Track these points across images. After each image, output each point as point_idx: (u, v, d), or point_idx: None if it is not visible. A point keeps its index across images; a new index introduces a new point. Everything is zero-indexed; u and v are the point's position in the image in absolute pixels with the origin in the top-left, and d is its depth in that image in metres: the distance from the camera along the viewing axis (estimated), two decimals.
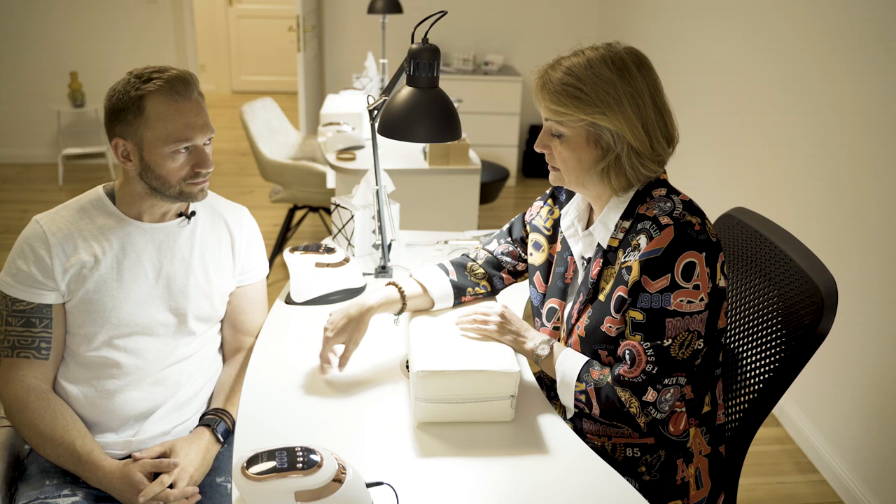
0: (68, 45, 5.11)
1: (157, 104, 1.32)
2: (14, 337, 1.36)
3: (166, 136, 1.33)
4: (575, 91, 1.22)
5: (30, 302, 1.36)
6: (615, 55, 1.24)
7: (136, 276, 1.41)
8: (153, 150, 1.34)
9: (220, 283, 1.52)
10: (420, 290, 1.49)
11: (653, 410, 1.23)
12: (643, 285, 1.22)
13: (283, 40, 7.67)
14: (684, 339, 1.22)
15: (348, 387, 1.39)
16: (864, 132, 2.30)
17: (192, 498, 1.35)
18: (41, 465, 1.38)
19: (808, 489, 2.37)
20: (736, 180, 3.16)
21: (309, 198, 3.57)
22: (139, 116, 1.32)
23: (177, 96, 1.33)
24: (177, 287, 1.45)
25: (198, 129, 1.36)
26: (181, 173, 1.37)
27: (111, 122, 1.36)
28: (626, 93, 1.22)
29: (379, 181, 1.79)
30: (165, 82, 1.33)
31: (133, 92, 1.32)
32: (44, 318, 1.37)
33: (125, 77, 1.36)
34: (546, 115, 1.29)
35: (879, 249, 2.21)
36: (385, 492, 1.09)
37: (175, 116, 1.33)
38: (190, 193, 1.40)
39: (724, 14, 3.31)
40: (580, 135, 1.26)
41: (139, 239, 1.42)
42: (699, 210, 1.26)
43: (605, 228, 1.31)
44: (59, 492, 1.33)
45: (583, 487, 1.15)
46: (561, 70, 1.25)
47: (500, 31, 5.36)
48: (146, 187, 1.38)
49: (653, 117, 1.24)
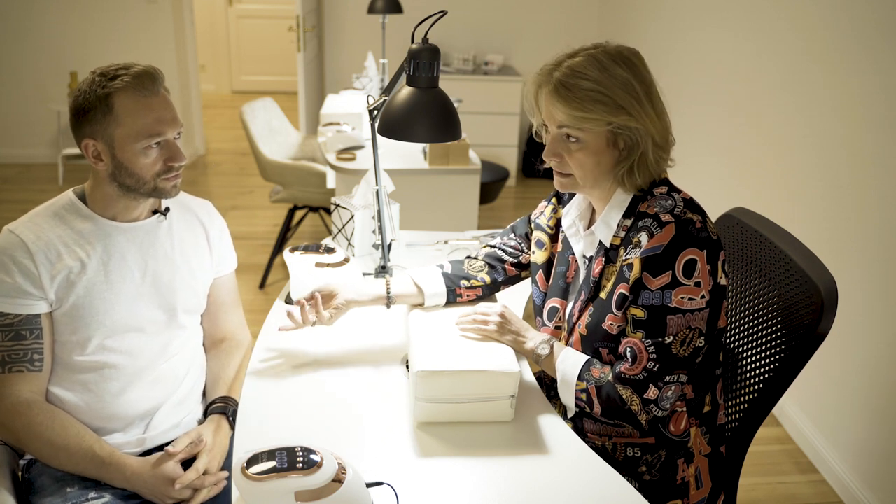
0: (68, 45, 5.11)
1: (125, 101, 1.31)
2: (3, 352, 1.32)
3: (137, 132, 1.32)
4: (598, 95, 1.21)
5: (17, 314, 1.32)
6: (617, 53, 1.23)
7: (124, 276, 1.40)
8: (125, 147, 1.33)
9: (202, 275, 1.55)
10: (411, 285, 1.52)
11: (654, 408, 1.23)
12: (644, 282, 1.22)
13: (283, 40, 7.66)
14: (685, 336, 1.22)
15: (349, 387, 1.39)
16: (864, 132, 2.29)
17: (220, 483, 1.36)
18: (53, 475, 1.35)
19: (808, 489, 2.37)
20: (736, 180, 3.16)
21: (309, 198, 3.57)
22: (108, 115, 1.31)
23: (145, 91, 1.32)
24: (164, 283, 1.45)
25: (168, 122, 1.35)
26: (154, 168, 1.36)
27: (79, 123, 1.34)
28: (642, 89, 1.22)
29: (379, 181, 1.79)
30: (132, 78, 1.31)
31: (100, 90, 1.31)
32: (34, 329, 1.34)
33: (89, 76, 1.34)
34: (561, 122, 1.24)
35: (879, 249, 2.21)
36: (385, 492, 1.09)
37: (144, 112, 1.32)
38: (164, 189, 1.39)
39: (724, 14, 3.31)
40: (600, 138, 1.24)
41: (120, 239, 1.41)
42: (700, 208, 1.26)
43: (607, 227, 1.31)
44: (86, 495, 1.32)
45: (583, 487, 1.15)
46: (570, 74, 1.22)
47: (500, 31, 5.36)
48: (119, 187, 1.37)
49: (664, 108, 1.26)
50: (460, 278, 1.53)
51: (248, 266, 3.84)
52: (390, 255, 1.91)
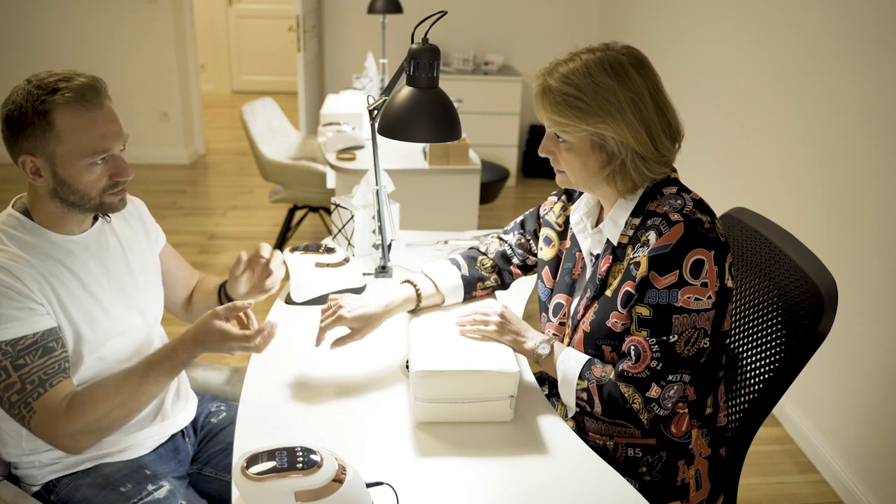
0: (68, 45, 5.11)
1: (67, 117, 1.21)
2: (38, 371, 1.22)
3: (81, 150, 1.23)
4: (576, 101, 1.22)
5: (35, 331, 1.23)
6: (613, 59, 1.23)
7: (98, 287, 1.36)
8: (68, 165, 1.24)
9: (153, 263, 1.52)
10: (433, 288, 1.52)
11: (655, 407, 1.23)
12: (651, 281, 1.22)
13: (283, 40, 7.66)
14: (690, 336, 1.22)
15: (348, 387, 1.39)
16: (864, 132, 2.29)
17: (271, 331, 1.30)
18: (92, 483, 1.32)
19: (808, 489, 2.37)
20: (736, 180, 3.16)
21: (309, 198, 3.57)
22: (49, 131, 1.21)
23: (88, 105, 1.23)
24: (127, 284, 1.42)
25: (113, 137, 1.27)
26: (100, 185, 1.28)
27: (14, 138, 1.23)
28: (627, 99, 1.21)
29: (379, 181, 1.79)
30: (74, 92, 1.22)
31: (39, 105, 1.20)
32: (58, 339, 1.26)
33: (24, 86, 1.23)
34: (546, 125, 1.29)
35: (879, 249, 2.21)
36: (385, 492, 1.09)
37: (89, 127, 1.23)
38: (111, 204, 1.32)
39: (724, 14, 3.31)
40: (584, 142, 1.26)
41: (80, 252, 1.34)
42: (709, 209, 1.26)
43: (614, 225, 1.31)
44: (145, 488, 1.31)
45: (583, 487, 1.15)
46: (559, 78, 1.23)
47: (500, 31, 5.36)
48: (61, 203, 1.28)
49: (655, 119, 1.24)
50: (476, 280, 1.56)
51: None
52: (390, 255, 1.91)
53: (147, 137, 5.39)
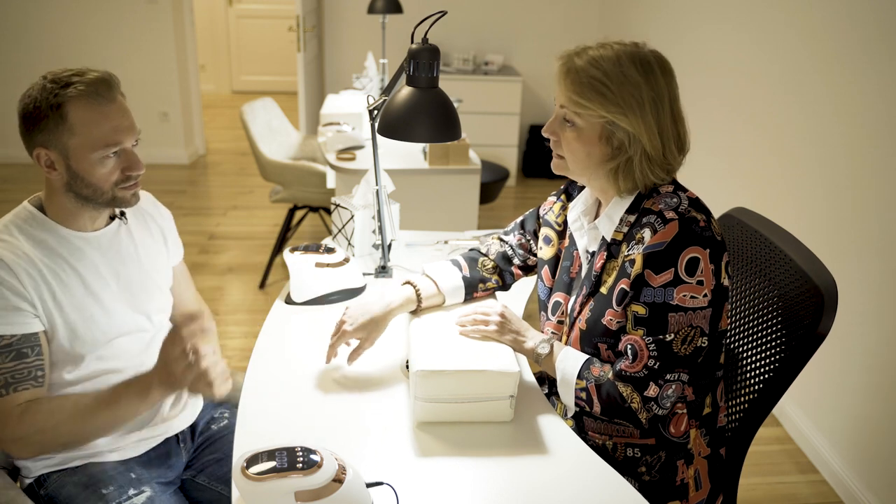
0: (68, 45, 5.11)
1: (79, 110, 1.25)
2: (6, 374, 1.24)
3: (93, 143, 1.26)
4: (601, 87, 1.22)
5: (14, 334, 1.25)
6: (643, 56, 1.23)
7: (102, 286, 1.37)
8: (81, 157, 1.27)
9: (166, 272, 1.54)
10: (434, 289, 1.51)
11: (654, 406, 1.23)
12: (646, 279, 1.22)
13: (283, 40, 7.67)
14: (686, 334, 1.22)
15: (348, 387, 1.39)
16: (863, 132, 2.30)
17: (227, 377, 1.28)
18: (78, 482, 1.33)
19: (808, 489, 2.37)
20: (736, 180, 3.16)
21: (309, 198, 3.57)
22: (62, 124, 1.25)
23: (100, 99, 1.26)
24: (136, 287, 1.43)
25: (125, 131, 1.30)
26: (112, 178, 1.30)
27: (29, 132, 1.27)
28: (650, 97, 1.22)
29: (379, 181, 1.79)
30: (87, 86, 1.25)
31: (52, 98, 1.24)
32: (35, 346, 1.27)
33: (39, 82, 1.27)
34: (562, 103, 1.27)
35: (879, 249, 2.21)
36: (385, 492, 1.09)
37: (101, 121, 1.26)
38: (123, 199, 1.34)
39: (725, 14, 3.31)
40: (594, 129, 1.25)
41: (89, 250, 1.36)
42: (705, 208, 1.27)
43: (610, 221, 1.31)
44: (126, 493, 1.31)
45: (582, 487, 1.15)
46: (588, 60, 1.23)
47: (500, 31, 5.36)
48: (75, 197, 1.31)
49: (669, 125, 1.24)
50: (478, 281, 1.55)
51: (248, 266, 3.84)
52: (390, 255, 1.91)
53: (147, 137, 5.35)
